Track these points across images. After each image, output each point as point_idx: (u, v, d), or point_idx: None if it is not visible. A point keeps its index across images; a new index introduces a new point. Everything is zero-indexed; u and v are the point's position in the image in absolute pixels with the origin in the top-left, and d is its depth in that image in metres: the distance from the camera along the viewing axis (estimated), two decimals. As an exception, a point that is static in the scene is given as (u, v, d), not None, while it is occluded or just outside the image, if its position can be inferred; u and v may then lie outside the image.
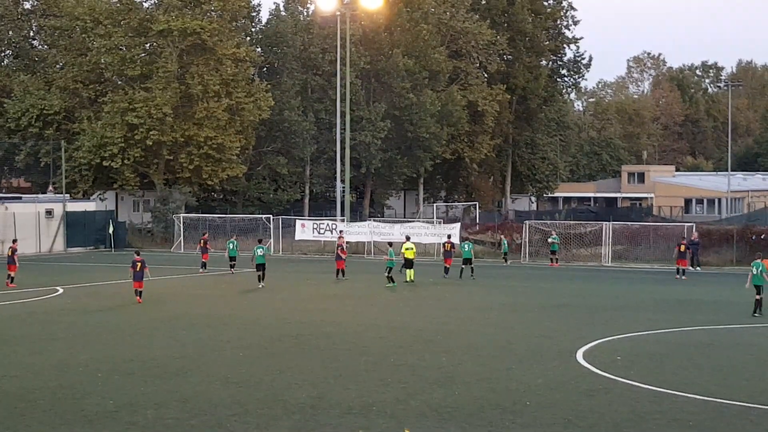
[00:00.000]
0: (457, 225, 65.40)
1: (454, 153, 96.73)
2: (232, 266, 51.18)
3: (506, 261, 59.34)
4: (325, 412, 19.04)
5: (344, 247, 49.68)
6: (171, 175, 78.37)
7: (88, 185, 78.34)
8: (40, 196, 74.90)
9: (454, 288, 44.47)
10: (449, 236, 55.99)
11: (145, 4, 79.52)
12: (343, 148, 71.66)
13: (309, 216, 79.96)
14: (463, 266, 49.89)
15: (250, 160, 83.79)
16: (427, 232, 62.98)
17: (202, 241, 54.47)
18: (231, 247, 51.80)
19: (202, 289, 44.16)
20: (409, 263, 46.59)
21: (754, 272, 34.63)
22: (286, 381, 22.20)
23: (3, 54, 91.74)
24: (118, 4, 77.51)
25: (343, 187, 72.69)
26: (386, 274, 44.38)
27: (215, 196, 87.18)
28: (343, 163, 71.95)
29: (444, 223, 68.76)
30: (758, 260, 35.24)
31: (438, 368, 23.85)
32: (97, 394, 20.70)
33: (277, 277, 47.82)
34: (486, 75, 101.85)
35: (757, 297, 34.28)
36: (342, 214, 70.40)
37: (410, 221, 72.64)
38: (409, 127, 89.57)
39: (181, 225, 70.63)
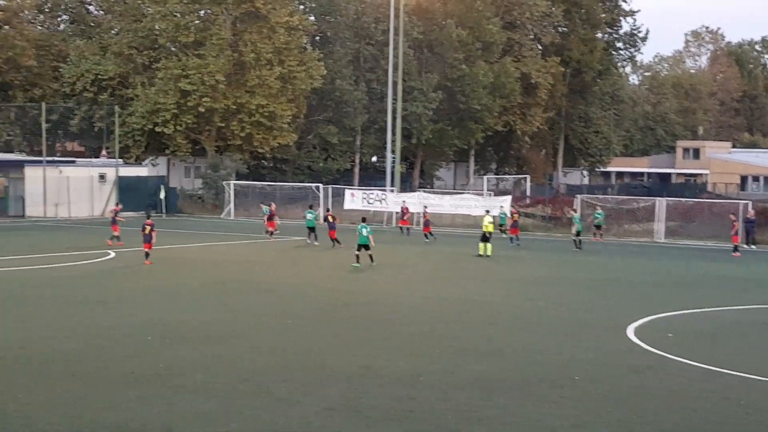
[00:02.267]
0: (508, 198, 65.05)
1: (506, 125, 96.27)
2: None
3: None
4: (372, 381, 19.01)
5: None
6: (222, 142, 78.70)
7: (140, 150, 78.87)
8: (94, 160, 75.56)
9: (503, 260, 44.24)
10: (513, 207, 57.35)
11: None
12: (394, 119, 71.49)
13: (358, 186, 79.94)
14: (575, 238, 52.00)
15: (301, 129, 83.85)
16: (477, 205, 62.72)
17: (270, 211, 54.89)
18: (310, 217, 51.34)
19: (252, 255, 44.34)
20: (486, 237, 46.15)
21: None
22: (334, 349, 22.21)
23: (60, 19, 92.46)
24: (173, -29, 77.71)
25: (393, 158, 72.54)
26: (356, 253, 39.81)
27: (266, 163, 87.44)
28: (393, 134, 71.78)
29: (494, 195, 68.48)
30: None
31: (485, 340, 23.75)
32: (147, 356, 20.85)
33: (325, 246, 47.92)
34: (540, 47, 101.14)
35: None
36: (392, 185, 70.29)
37: (460, 193, 72.45)
38: (461, 98, 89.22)
39: (232, 192, 70.94)
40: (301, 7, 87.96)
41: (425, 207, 59.07)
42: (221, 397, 17.59)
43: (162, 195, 70.76)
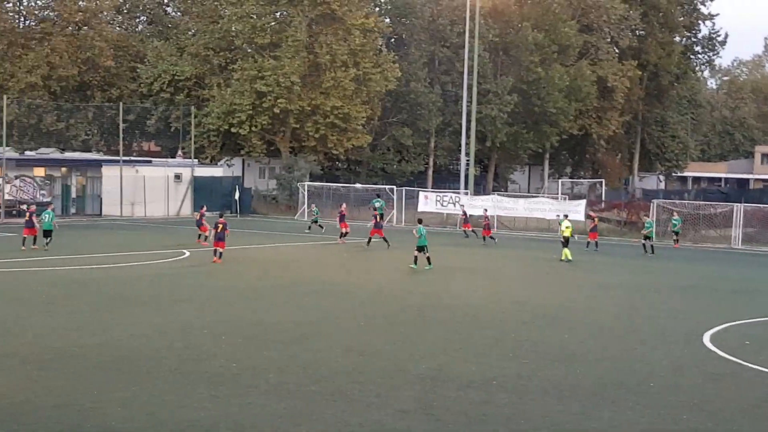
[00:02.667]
0: (583, 202, 64.55)
1: (581, 129, 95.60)
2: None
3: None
4: (446, 384, 18.91)
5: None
6: (297, 144, 79.16)
7: (215, 151, 79.65)
8: (170, 160, 76.43)
9: (578, 265, 43.84)
10: (593, 211, 57.10)
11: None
12: (468, 121, 71.29)
13: (432, 188, 79.89)
14: (645, 242, 51.41)
15: (375, 131, 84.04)
16: (551, 208, 62.33)
17: (340, 213, 54.35)
18: (378, 205, 53.20)
19: (325, 257, 44.48)
20: (566, 241, 45.67)
21: None
22: (407, 352, 22.13)
23: (138, 20, 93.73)
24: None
25: (468, 160, 72.34)
26: (415, 254, 39.40)
27: (340, 165, 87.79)
28: (468, 136, 71.60)
29: (569, 199, 67.98)
30: None
31: (560, 345, 23.52)
32: (221, 356, 20.95)
33: (399, 247, 47.82)
34: (617, 50, 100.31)
35: None
36: (465, 187, 70.11)
37: (534, 196, 72.07)
38: (536, 101, 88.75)
39: (306, 193, 71.22)
40: (377, 9, 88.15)
41: (485, 210, 58.94)
42: (294, 397, 17.62)
43: (237, 195, 71.33)
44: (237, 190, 71.86)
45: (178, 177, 70.87)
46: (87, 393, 17.51)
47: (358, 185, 73.18)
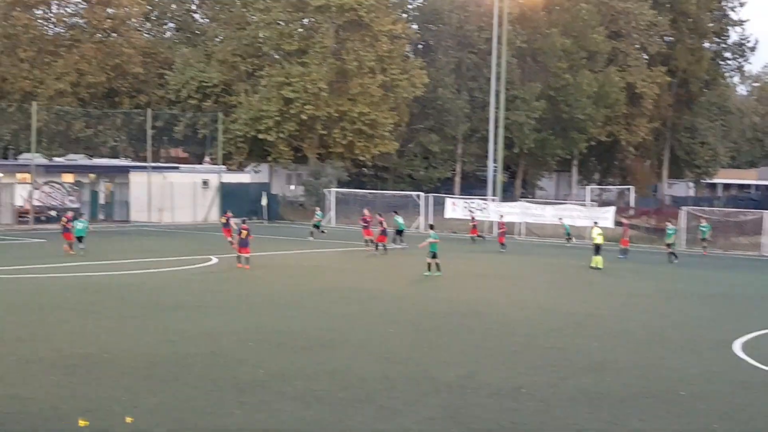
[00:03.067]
0: (611, 209, 64.20)
1: (609, 135, 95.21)
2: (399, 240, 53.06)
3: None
4: (474, 392, 18.81)
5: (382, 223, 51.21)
6: (324, 150, 79.24)
7: (243, 157, 79.84)
8: (197, 166, 76.65)
9: (607, 273, 43.57)
10: (624, 219, 56.78)
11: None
12: (496, 128, 71.09)
13: (459, 194, 79.73)
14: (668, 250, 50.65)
15: (403, 137, 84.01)
16: (579, 215, 62.06)
17: (363, 219, 54.03)
18: (400, 221, 53.77)
19: (352, 263, 44.43)
20: (597, 248, 45.42)
21: None
22: (435, 358, 22.04)
23: (166, 27, 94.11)
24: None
25: (495, 167, 72.12)
26: (428, 260, 39.23)
27: (367, 171, 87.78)
28: (495, 143, 71.39)
29: (598, 206, 67.64)
30: None
31: (589, 353, 23.36)
32: (249, 362, 20.93)
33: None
34: (646, 56, 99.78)
35: None
36: (493, 194, 69.86)
37: (563, 203, 71.77)
38: (564, 107, 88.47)
39: (333, 199, 71.20)
40: (404, 15, 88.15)
41: (501, 216, 58.99)
42: (321, 404, 17.56)
43: (264, 202, 71.44)
44: (264, 197, 71.98)
45: (205, 183, 71.07)
46: (114, 399, 17.51)
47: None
